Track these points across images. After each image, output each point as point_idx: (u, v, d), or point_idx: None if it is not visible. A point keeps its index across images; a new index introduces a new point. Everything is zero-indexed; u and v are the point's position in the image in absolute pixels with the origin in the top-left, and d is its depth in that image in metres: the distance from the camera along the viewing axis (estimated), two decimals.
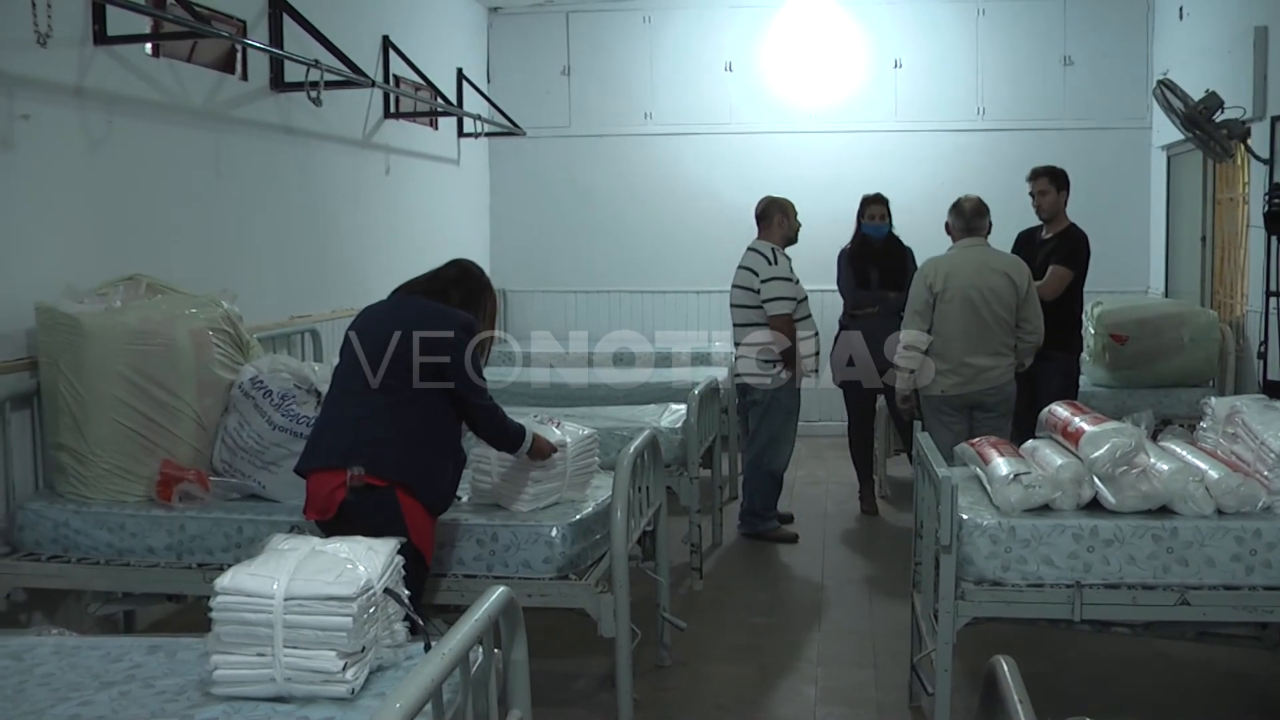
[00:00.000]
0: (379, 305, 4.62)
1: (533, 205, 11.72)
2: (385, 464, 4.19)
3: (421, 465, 4.27)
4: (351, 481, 4.15)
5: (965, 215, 6.79)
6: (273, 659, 2.91)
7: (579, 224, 11.67)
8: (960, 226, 6.80)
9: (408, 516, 4.18)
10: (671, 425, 6.80)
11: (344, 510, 4.19)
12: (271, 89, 7.30)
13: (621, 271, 11.56)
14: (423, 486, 4.25)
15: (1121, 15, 11.03)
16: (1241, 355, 8.56)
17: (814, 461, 10.02)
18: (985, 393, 6.54)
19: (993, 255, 6.71)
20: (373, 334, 4.41)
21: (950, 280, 6.54)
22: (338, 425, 4.34)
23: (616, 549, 4.55)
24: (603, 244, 11.62)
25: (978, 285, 6.51)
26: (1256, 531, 4.14)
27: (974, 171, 10.52)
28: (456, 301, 4.52)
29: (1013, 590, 4.23)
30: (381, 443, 4.22)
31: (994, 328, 6.51)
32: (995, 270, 6.57)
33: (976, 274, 6.55)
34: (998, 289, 6.52)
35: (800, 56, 11.32)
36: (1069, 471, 4.31)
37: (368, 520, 4.03)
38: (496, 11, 11.61)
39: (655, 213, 11.53)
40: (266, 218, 7.30)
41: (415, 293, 4.57)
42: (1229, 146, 7.86)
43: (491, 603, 2.89)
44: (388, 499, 4.17)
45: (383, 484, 4.17)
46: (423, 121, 9.99)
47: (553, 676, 5.35)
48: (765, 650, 5.83)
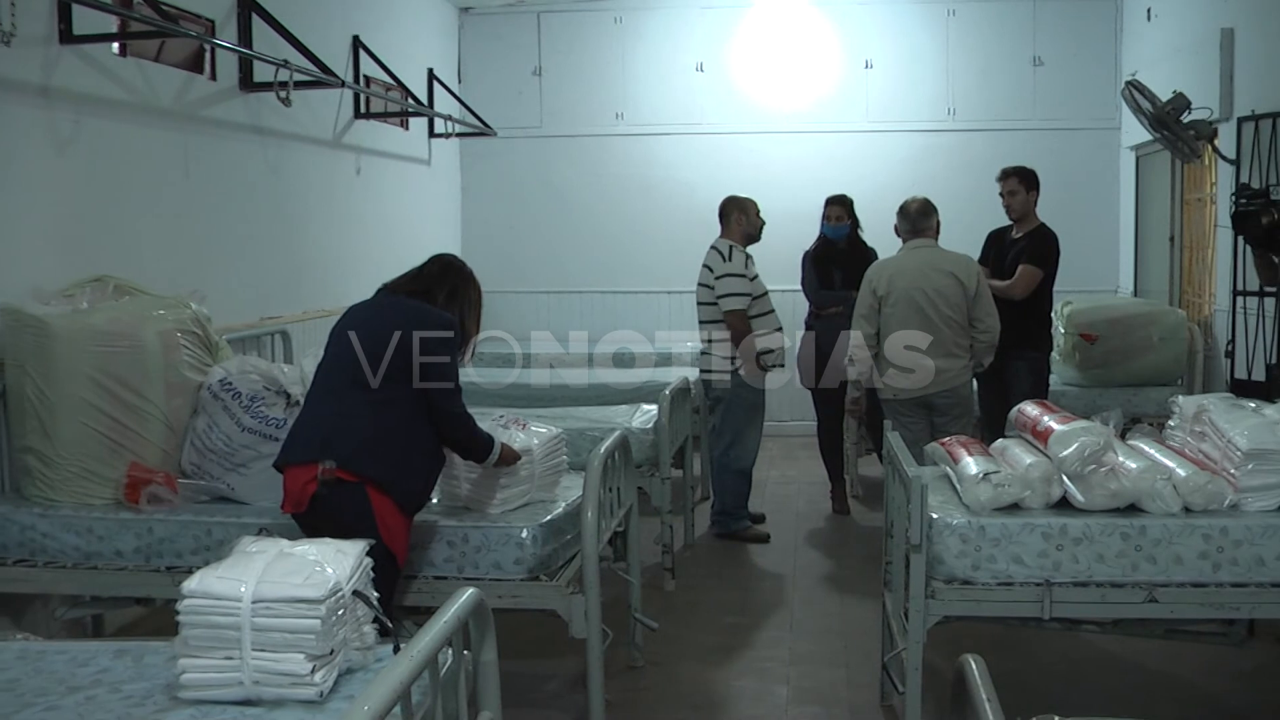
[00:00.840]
0: (364, 304, 4.61)
1: (504, 206, 11.71)
2: (358, 460, 4.20)
3: (395, 463, 4.26)
4: (323, 475, 4.16)
5: (911, 217, 6.82)
6: (241, 662, 2.90)
7: (550, 224, 11.66)
8: (906, 228, 6.84)
9: (378, 514, 4.18)
10: (643, 426, 6.79)
11: (315, 504, 4.20)
12: (241, 89, 7.27)
13: (593, 272, 11.56)
14: (395, 484, 4.24)
15: (1090, 16, 11.10)
16: (1209, 354, 8.61)
17: (786, 461, 10.04)
18: (939, 394, 6.57)
19: (939, 255, 6.73)
20: (354, 332, 4.41)
21: (894, 282, 6.58)
22: (315, 421, 4.35)
23: (588, 550, 4.55)
24: (574, 244, 11.62)
25: (922, 286, 6.54)
26: (1223, 529, 4.16)
27: (944, 172, 10.59)
28: (441, 299, 4.52)
29: (983, 589, 4.24)
30: (356, 439, 4.23)
31: (943, 329, 6.53)
32: (941, 270, 6.58)
33: (921, 275, 6.57)
34: (944, 289, 6.54)
35: (771, 57, 11.35)
36: (1038, 470, 4.33)
37: (338, 515, 4.11)
38: (467, 11, 11.59)
39: (627, 213, 11.54)
40: (236, 219, 7.27)
41: (399, 292, 4.56)
42: (1196, 147, 7.91)
43: (461, 604, 2.88)
44: (358, 495, 4.17)
45: (354, 480, 4.17)
46: (393, 122, 9.96)
47: (524, 678, 5.35)
48: (737, 650, 5.84)
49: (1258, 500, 4.25)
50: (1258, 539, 4.15)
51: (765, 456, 8.69)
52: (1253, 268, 7.05)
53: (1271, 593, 4.18)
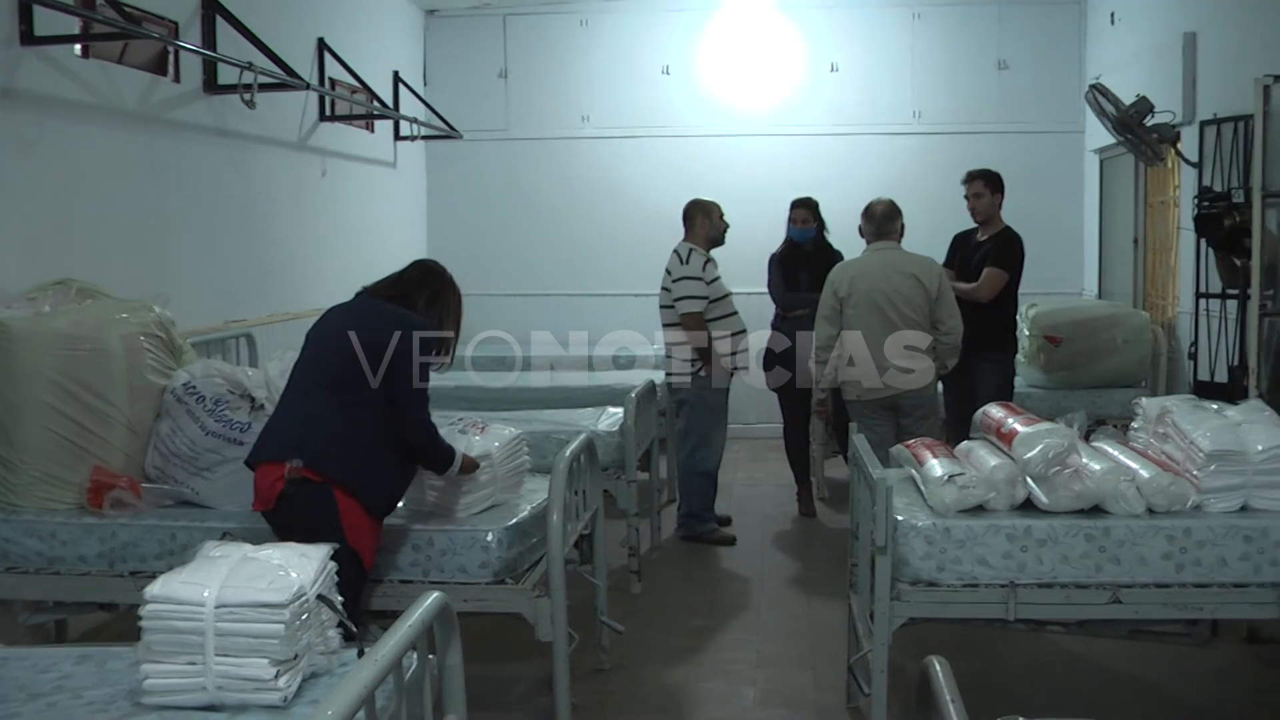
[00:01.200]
0: (341, 307, 4.61)
1: (470, 208, 11.69)
2: (325, 461, 4.20)
3: (362, 465, 4.25)
4: (289, 474, 4.16)
5: (875, 219, 6.85)
6: (204, 667, 2.88)
7: (517, 227, 11.65)
8: (871, 230, 6.86)
9: (344, 515, 4.17)
10: (609, 428, 6.79)
11: (282, 502, 4.21)
12: (205, 91, 7.24)
13: (560, 275, 11.56)
14: (361, 486, 4.23)
15: (1055, 20, 11.17)
16: (1173, 356, 8.67)
17: (752, 463, 10.06)
18: (901, 396, 6.59)
19: (901, 258, 6.75)
20: (329, 334, 4.44)
21: (856, 284, 6.61)
22: (286, 420, 4.36)
23: (553, 553, 4.55)
24: (541, 247, 11.62)
25: (883, 289, 6.56)
26: (1186, 530, 4.19)
27: (909, 174, 10.63)
28: (421, 303, 4.53)
29: (948, 590, 4.25)
30: (325, 440, 4.23)
31: (904, 331, 6.55)
32: (902, 273, 6.61)
33: (882, 277, 6.60)
34: (905, 291, 6.56)
35: (737, 60, 11.38)
36: (1003, 472, 4.35)
37: (303, 514, 4.15)
38: (433, 14, 11.57)
39: (593, 216, 11.55)
40: (200, 221, 7.23)
41: (378, 295, 4.56)
42: (1159, 150, 7.95)
43: (425, 608, 2.87)
44: (324, 495, 4.17)
45: (320, 480, 4.17)
46: (359, 124, 9.93)
47: (490, 681, 5.34)
48: (704, 652, 5.84)
49: (1220, 501, 4.28)
50: (1220, 539, 4.18)
51: (731, 459, 8.72)
52: (1215, 270, 7.10)
53: (1234, 593, 4.21)
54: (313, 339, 4.50)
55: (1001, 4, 11.20)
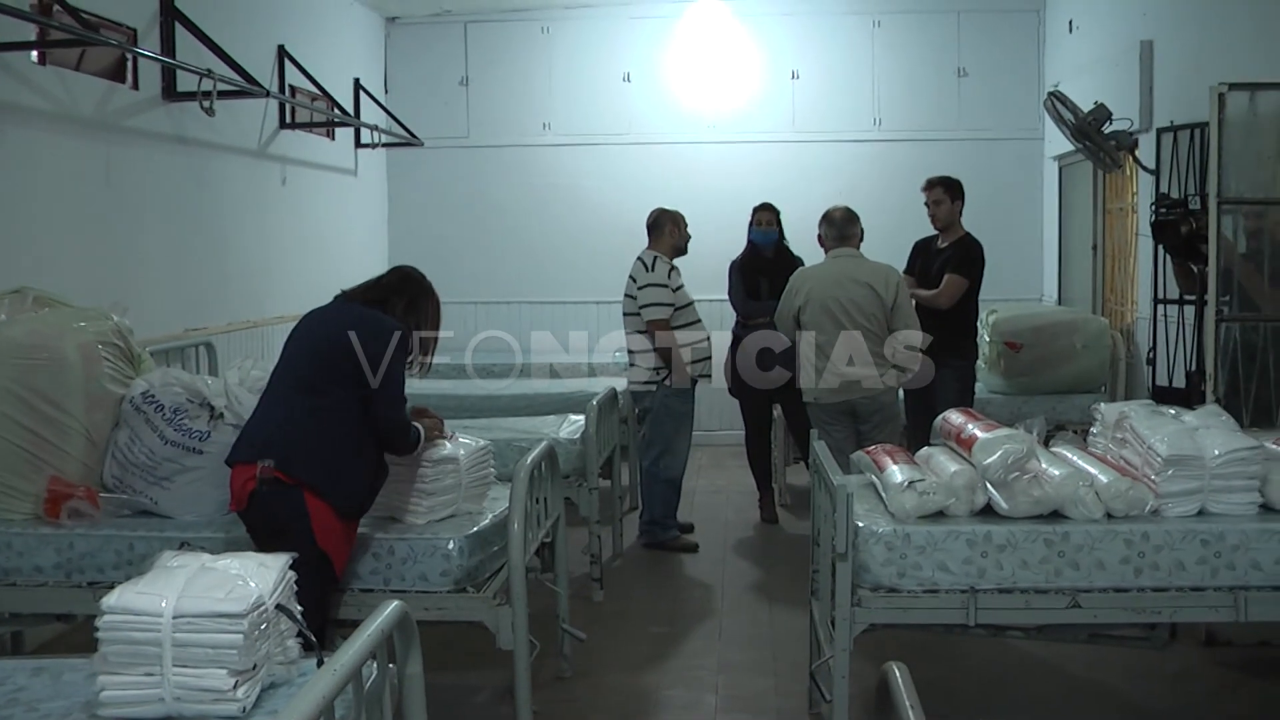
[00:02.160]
0: (319, 310, 4.64)
1: (431, 216, 11.66)
2: (296, 463, 4.23)
3: (334, 468, 4.27)
4: (261, 474, 4.20)
5: (837, 225, 6.89)
6: (161, 678, 2.85)
7: (478, 235, 11.63)
8: (833, 236, 6.89)
9: (314, 517, 4.20)
10: (570, 436, 6.78)
11: (253, 501, 4.25)
12: (164, 98, 7.20)
13: (521, 282, 11.54)
14: (332, 489, 4.25)
15: (1014, 28, 11.25)
16: (1132, 361, 8.74)
17: (714, 470, 10.07)
18: (859, 401, 6.62)
19: (858, 266, 6.78)
20: (305, 338, 4.50)
21: (811, 293, 6.65)
22: (262, 422, 4.40)
23: (514, 561, 4.54)
24: (502, 255, 11.59)
25: (836, 296, 6.60)
26: (1144, 534, 4.21)
27: (870, 182, 10.68)
28: (400, 309, 4.56)
29: (908, 596, 4.26)
30: (297, 442, 4.27)
31: (851, 332, 6.58)
32: (857, 281, 6.64)
33: (837, 285, 6.64)
34: (858, 299, 6.59)
35: (698, 68, 11.40)
36: (963, 478, 4.36)
37: (274, 515, 4.22)
38: (394, 21, 11.54)
39: (555, 223, 11.54)
40: (159, 229, 7.19)
41: (356, 299, 4.58)
42: (1117, 157, 8.02)
43: (385, 617, 2.85)
44: (295, 497, 4.20)
45: (291, 482, 4.21)
46: (319, 132, 9.89)
47: (452, 690, 5.32)
48: (666, 659, 5.84)
49: (1177, 506, 4.31)
50: (1178, 544, 4.20)
51: (694, 466, 8.72)
52: (1173, 276, 7.16)
53: (1192, 597, 4.24)
54: (290, 343, 4.54)
55: (961, 12, 11.26)
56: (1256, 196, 6.00)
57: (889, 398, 6.71)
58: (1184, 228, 6.63)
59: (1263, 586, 4.21)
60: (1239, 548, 4.19)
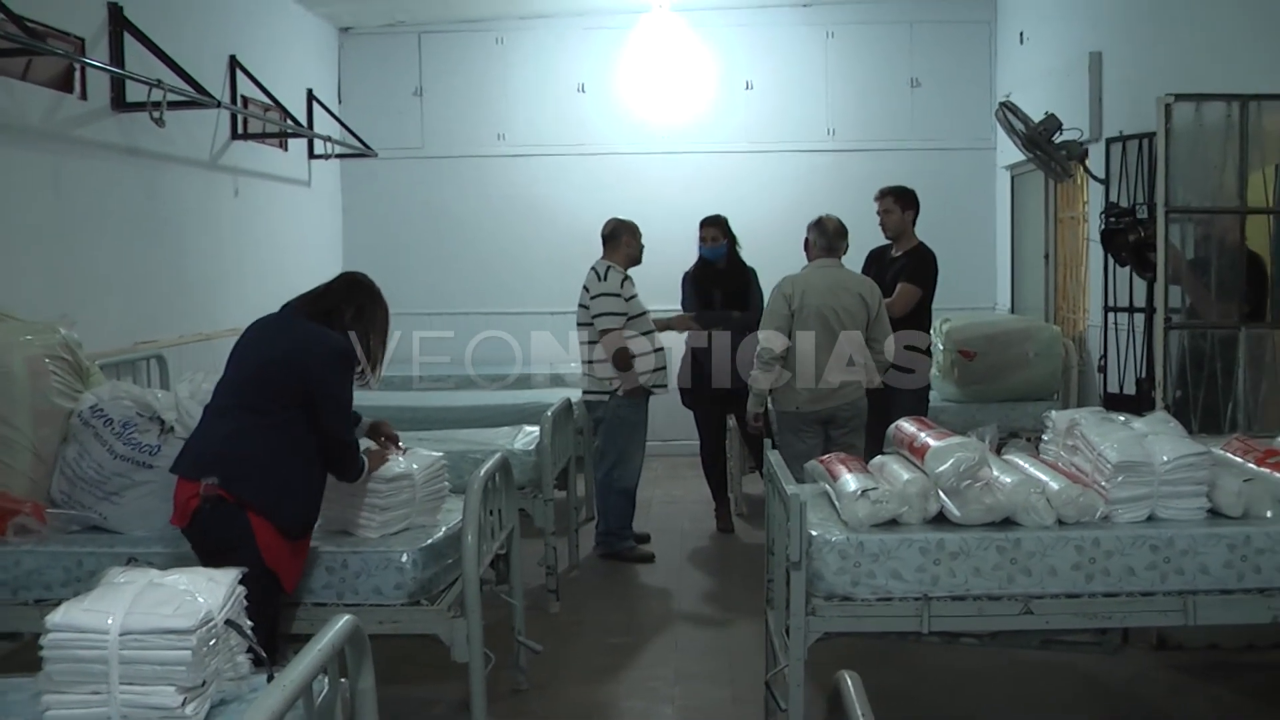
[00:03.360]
0: (264, 323, 4.58)
1: (386, 227, 11.62)
2: (239, 481, 4.19)
3: (276, 486, 4.23)
4: (204, 491, 4.15)
5: (829, 234, 6.88)
6: (108, 696, 2.82)
7: (432, 245, 11.60)
8: (823, 245, 6.88)
9: (258, 535, 4.16)
10: (525, 447, 6.76)
11: (196, 519, 4.21)
12: (113, 109, 7.13)
13: (476, 293, 11.51)
14: (274, 507, 4.21)
15: (966, 39, 11.33)
16: (1084, 369, 8.81)
17: (670, 480, 10.07)
18: (839, 408, 6.64)
19: (847, 275, 6.82)
20: (249, 353, 4.45)
21: (806, 298, 6.62)
22: (206, 437, 4.35)
23: (468, 573, 4.52)
24: (457, 266, 11.57)
25: (832, 305, 6.61)
26: (1095, 540, 4.24)
27: (824, 192, 10.68)
28: (349, 318, 4.52)
29: (862, 605, 4.27)
30: (240, 460, 4.22)
31: (851, 332, 6.60)
32: (849, 291, 6.67)
33: (831, 293, 6.64)
34: (851, 308, 6.62)
35: (652, 78, 11.42)
36: (915, 486, 4.38)
37: (217, 533, 4.18)
38: (347, 31, 11.50)
39: (510, 234, 11.52)
40: (109, 241, 7.12)
41: (304, 309, 4.52)
42: (1068, 167, 8.08)
43: (336, 631, 2.83)
44: (238, 516, 4.17)
45: (233, 500, 4.17)
46: (272, 143, 9.83)
47: (407, 703, 5.30)
48: (622, 670, 5.83)
49: (1127, 511, 4.34)
50: (1128, 549, 4.23)
51: (650, 476, 8.71)
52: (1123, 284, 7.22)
53: (1142, 601, 4.27)
54: (235, 356, 4.49)
55: (913, 23, 11.33)
56: (1203, 206, 6.06)
57: (863, 404, 6.72)
58: (1132, 236, 6.69)
59: (1211, 590, 4.24)
60: (1187, 552, 4.23)
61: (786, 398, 6.73)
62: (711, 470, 8.50)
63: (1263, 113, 5.89)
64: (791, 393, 6.69)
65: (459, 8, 11.18)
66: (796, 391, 6.66)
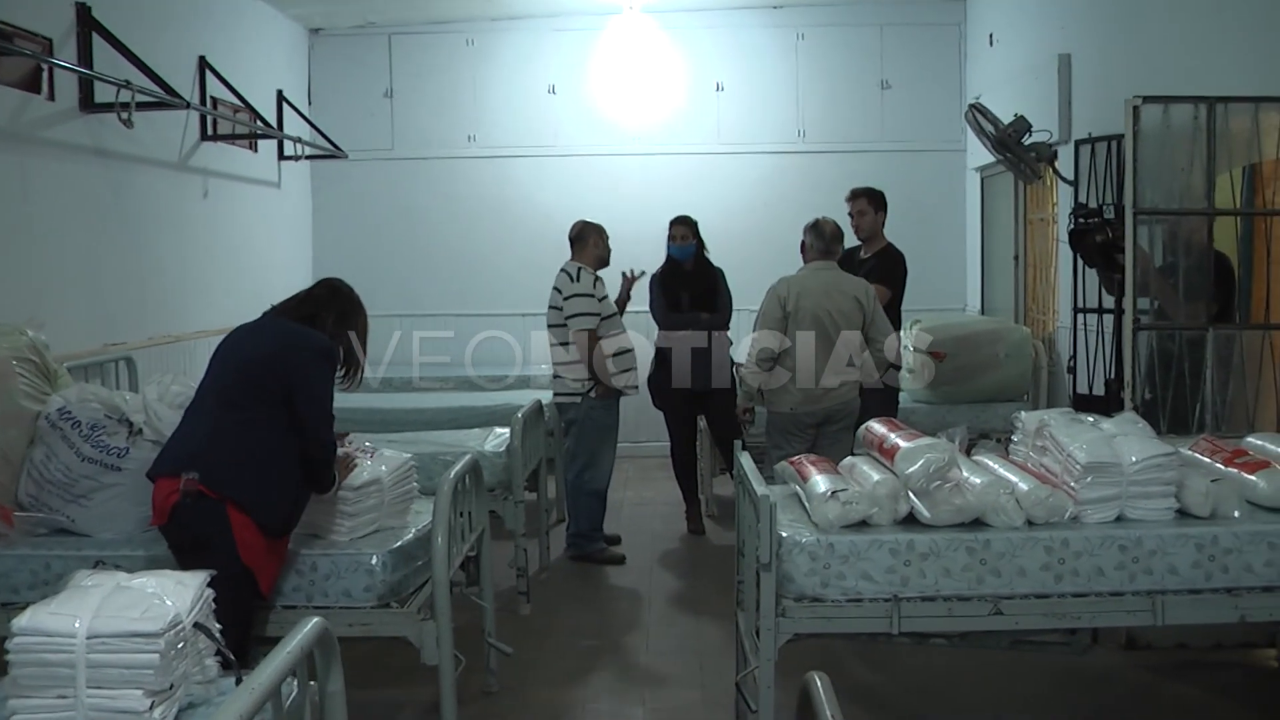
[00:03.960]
0: (248, 326, 4.60)
1: (356, 228, 11.58)
2: (220, 478, 4.18)
3: (258, 484, 4.22)
4: (185, 486, 4.13)
5: (826, 237, 6.89)
6: (75, 700, 2.81)
7: (403, 247, 11.56)
8: (820, 248, 6.88)
9: (237, 533, 4.15)
10: (496, 449, 6.75)
11: (175, 514, 4.18)
12: (81, 110, 7.08)
13: (447, 295, 11.48)
14: (255, 504, 4.20)
15: (935, 41, 11.37)
16: (1053, 370, 8.85)
17: (641, 482, 10.07)
18: (833, 409, 6.65)
19: (842, 278, 6.83)
20: (233, 353, 4.45)
21: (802, 300, 6.63)
22: (187, 436, 4.34)
23: (438, 575, 4.51)
24: (428, 267, 11.54)
25: (827, 307, 6.62)
26: (1064, 541, 4.26)
27: (794, 193, 10.73)
28: (330, 323, 4.55)
29: (832, 606, 4.27)
30: (221, 457, 4.21)
31: (840, 349, 6.61)
32: (845, 293, 6.69)
33: (826, 295, 6.65)
34: (846, 311, 6.63)
35: (623, 80, 11.42)
36: (885, 487, 4.39)
37: (196, 528, 4.16)
38: (317, 33, 11.46)
39: (481, 235, 11.51)
40: (77, 243, 7.08)
41: (284, 314, 4.55)
42: (1037, 168, 8.12)
43: (304, 634, 2.82)
44: (218, 511, 4.15)
45: (215, 496, 4.15)
46: (242, 144, 9.78)
47: (378, 707, 5.29)
48: (593, 672, 5.83)
49: (1096, 512, 4.36)
50: (1097, 550, 4.25)
51: (620, 478, 8.71)
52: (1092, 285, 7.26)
53: (1111, 601, 4.29)
54: (217, 357, 4.49)
55: (884, 25, 11.36)
56: (1171, 207, 6.09)
57: (856, 404, 6.72)
58: (1099, 236, 6.73)
59: (1179, 590, 4.27)
60: (1156, 553, 4.25)
61: (780, 399, 6.73)
62: (682, 471, 8.50)
63: (1229, 115, 5.93)
64: (786, 394, 6.69)
65: (430, 9, 11.15)
66: (791, 393, 6.67)
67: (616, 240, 7.79)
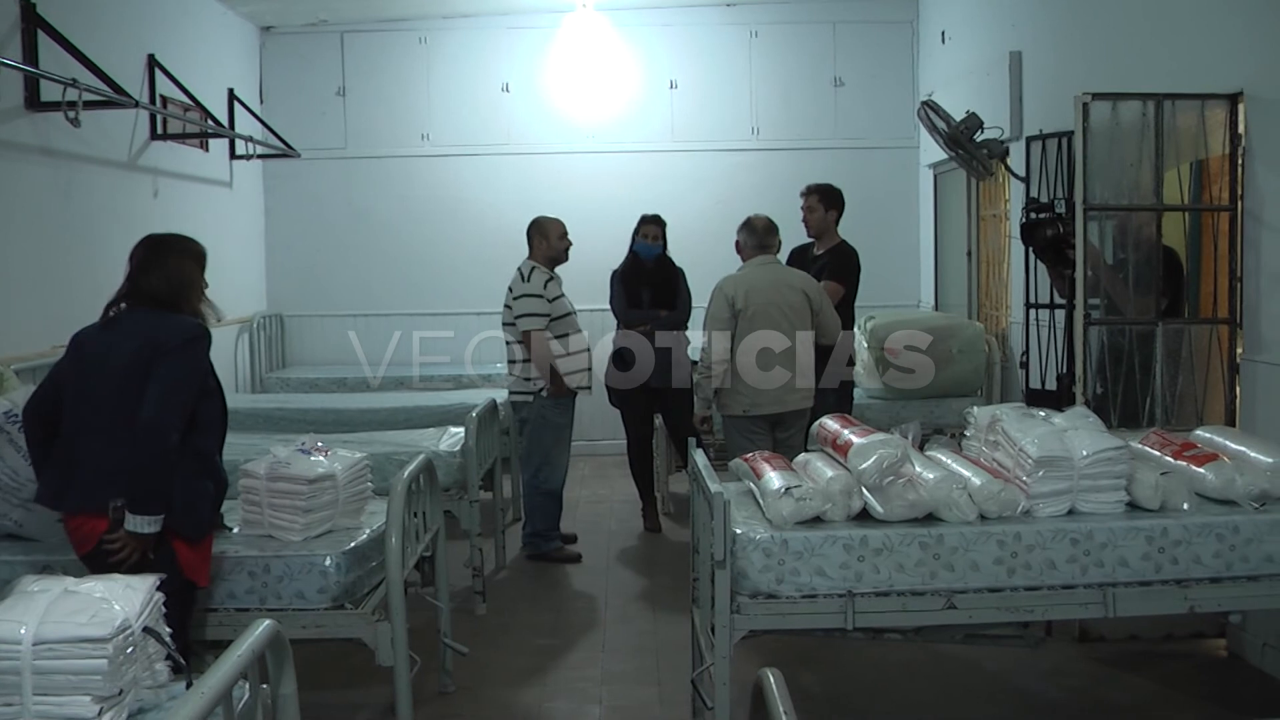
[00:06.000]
0: (95, 331, 4.38)
1: (309, 228, 11.50)
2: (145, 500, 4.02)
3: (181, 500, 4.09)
4: (114, 514, 3.98)
5: (758, 233, 6.89)
6: (22, 707, 2.78)
7: (357, 247, 11.50)
8: (754, 244, 6.88)
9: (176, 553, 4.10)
10: (450, 448, 6.73)
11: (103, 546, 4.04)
12: (26, 108, 6.99)
13: (401, 294, 11.43)
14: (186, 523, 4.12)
15: (888, 39, 11.41)
16: (1006, 365, 8.90)
17: (597, 480, 10.06)
18: (786, 413, 6.64)
19: (786, 272, 6.85)
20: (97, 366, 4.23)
21: (751, 297, 6.61)
22: (86, 464, 4.13)
23: (392, 576, 4.50)
24: (381, 267, 11.48)
25: (777, 302, 6.61)
26: (1016, 535, 4.29)
27: (749, 190, 10.73)
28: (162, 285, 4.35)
29: (787, 602, 4.29)
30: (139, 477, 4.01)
31: (800, 351, 6.61)
32: (793, 287, 6.69)
33: (775, 290, 6.65)
34: (796, 305, 6.64)
35: (577, 77, 11.40)
36: (839, 483, 4.40)
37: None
38: (269, 31, 11.38)
39: (435, 234, 11.46)
40: (24, 244, 6.99)
41: (122, 301, 4.35)
42: (989, 165, 8.16)
43: (256, 637, 2.80)
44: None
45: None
46: (192, 143, 9.69)
47: (333, 709, 5.26)
48: (549, 671, 5.82)
49: (1048, 506, 4.39)
50: (1049, 543, 4.29)
51: (576, 476, 8.71)
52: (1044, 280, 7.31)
53: (1063, 594, 4.33)
54: (80, 372, 4.25)
55: (836, 23, 11.39)
56: (1120, 203, 6.14)
57: (811, 404, 6.71)
58: (1050, 230, 6.77)
59: (1130, 582, 4.31)
60: (1107, 545, 4.29)
61: (733, 401, 6.70)
62: (639, 469, 8.50)
63: (1177, 111, 5.98)
64: (738, 396, 6.67)
65: (382, 7, 11.09)
66: (742, 395, 6.65)
67: (572, 238, 7.76)
